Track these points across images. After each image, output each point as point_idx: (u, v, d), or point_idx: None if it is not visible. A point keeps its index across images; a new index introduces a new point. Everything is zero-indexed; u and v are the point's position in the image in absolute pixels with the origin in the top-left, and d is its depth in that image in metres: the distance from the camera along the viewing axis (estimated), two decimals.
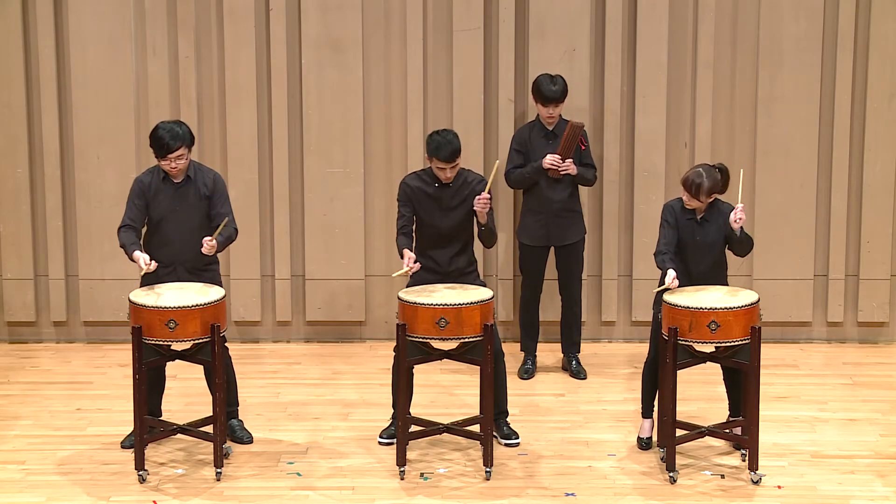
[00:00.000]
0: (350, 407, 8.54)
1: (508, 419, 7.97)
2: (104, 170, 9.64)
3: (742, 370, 7.43)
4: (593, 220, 9.70)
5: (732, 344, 7.23)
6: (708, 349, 7.39)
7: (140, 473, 7.38)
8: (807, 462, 7.63)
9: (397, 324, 7.40)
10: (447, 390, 8.83)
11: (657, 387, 7.56)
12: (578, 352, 9.21)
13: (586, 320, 9.71)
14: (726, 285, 7.58)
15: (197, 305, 7.25)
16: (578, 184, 9.04)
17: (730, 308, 7.17)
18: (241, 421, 8.01)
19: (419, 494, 7.26)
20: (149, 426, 7.52)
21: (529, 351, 9.21)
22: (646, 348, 7.92)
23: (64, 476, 7.46)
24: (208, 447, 7.61)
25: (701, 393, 8.61)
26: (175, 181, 7.63)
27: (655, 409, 7.67)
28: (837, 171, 9.61)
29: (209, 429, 7.53)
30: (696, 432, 7.55)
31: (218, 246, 7.57)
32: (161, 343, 7.32)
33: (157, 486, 7.34)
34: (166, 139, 7.49)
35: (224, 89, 9.61)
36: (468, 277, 7.84)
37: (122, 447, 7.82)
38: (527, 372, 9.11)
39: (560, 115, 8.98)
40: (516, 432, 7.92)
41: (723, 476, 7.45)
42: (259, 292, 9.80)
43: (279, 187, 9.71)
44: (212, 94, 9.63)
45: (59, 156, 9.65)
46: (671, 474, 7.36)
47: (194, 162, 7.69)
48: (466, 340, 7.35)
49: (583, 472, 7.52)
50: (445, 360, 7.56)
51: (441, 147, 7.67)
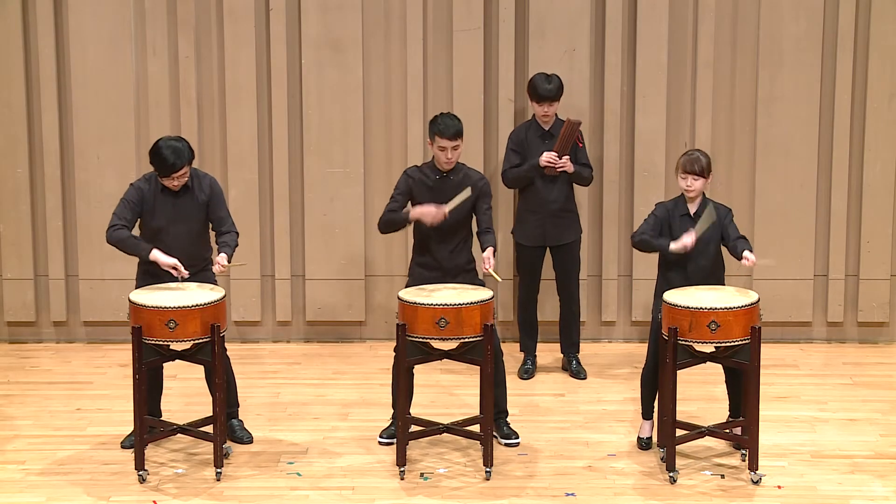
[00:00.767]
0: (350, 407, 8.54)
1: (508, 419, 7.97)
2: (104, 170, 9.64)
3: (742, 370, 7.43)
4: (593, 220, 9.70)
5: (732, 344, 7.22)
6: (708, 349, 7.38)
7: (140, 473, 7.38)
8: (807, 462, 7.63)
9: (397, 324, 7.39)
10: (447, 390, 8.83)
11: (657, 390, 7.56)
12: (578, 352, 9.21)
13: (586, 320, 9.71)
14: (724, 285, 7.57)
15: (197, 305, 7.24)
16: (575, 182, 9.03)
17: (730, 308, 7.16)
18: (241, 421, 8.01)
19: (419, 494, 7.25)
20: (149, 426, 7.52)
21: (529, 351, 9.21)
22: (646, 348, 7.90)
23: (64, 476, 7.46)
24: (208, 447, 7.61)
25: (701, 393, 8.61)
26: (174, 191, 7.62)
27: (655, 410, 7.67)
28: (837, 171, 9.61)
29: (209, 429, 7.52)
30: (696, 432, 7.54)
31: (228, 258, 7.58)
32: (161, 343, 7.31)
33: (157, 486, 7.34)
34: (171, 160, 7.43)
35: (224, 89, 9.61)
36: (468, 275, 7.84)
37: (122, 447, 7.82)
38: (527, 372, 9.11)
39: (556, 115, 8.98)
40: (516, 432, 7.91)
41: (723, 476, 7.45)
42: (259, 292, 9.80)
43: (279, 187, 9.71)
44: (212, 94, 9.63)
45: (59, 156, 9.65)
46: (671, 474, 7.36)
47: (191, 169, 7.66)
48: (466, 340, 7.34)
49: (582, 472, 7.52)
50: (445, 360, 7.55)
51: (444, 124, 7.69)
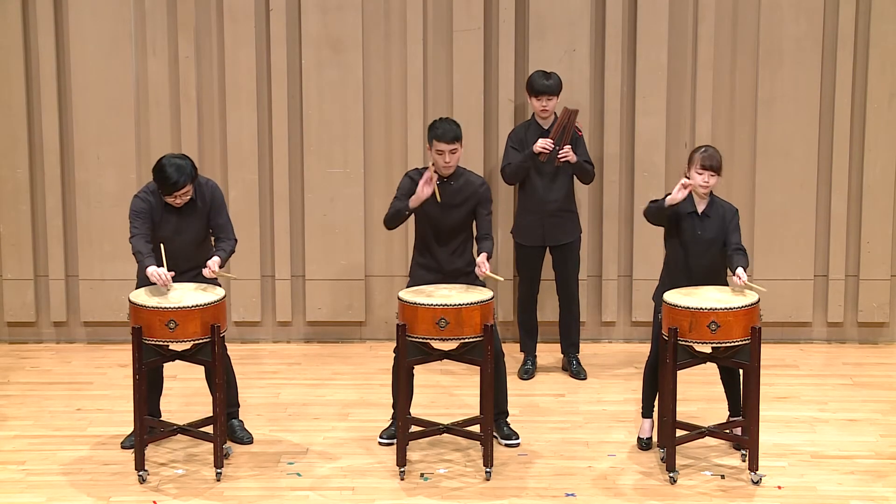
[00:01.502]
0: (350, 407, 8.54)
1: (508, 419, 7.97)
2: (104, 170, 9.64)
3: (741, 370, 7.43)
4: (593, 220, 9.70)
5: (733, 344, 7.22)
6: (708, 349, 7.39)
7: (140, 474, 7.38)
8: (807, 462, 7.63)
9: (397, 324, 7.39)
10: (447, 391, 8.83)
11: (658, 387, 7.57)
12: (578, 352, 9.20)
13: (586, 320, 9.71)
14: (725, 285, 7.58)
15: (197, 306, 7.24)
16: (577, 177, 9.00)
17: (730, 308, 7.17)
18: (242, 421, 8.01)
19: (419, 495, 7.25)
20: (149, 426, 7.52)
21: (529, 351, 9.21)
22: (646, 349, 7.91)
23: (64, 476, 7.46)
24: (208, 447, 7.61)
25: (701, 393, 8.60)
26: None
27: (655, 410, 7.67)
28: (837, 172, 9.60)
29: (209, 429, 7.53)
30: (697, 433, 7.54)
31: (221, 262, 7.58)
32: (161, 343, 7.31)
33: (158, 487, 7.34)
34: (174, 178, 7.40)
35: (224, 89, 9.61)
36: (468, 277, 7.85)
37: (123, 447, 7.82)
38: (527, 372, 9.11)
39: (556, 114, 8.96)
40: (516, 433, 7.91)
41: (723, 476, 7.45)
42: (259, 293, 9.80)
43: (279, 187, 9.71)
44: (212, 95, 9.63)
45: (59, 156, 9.65)
46: (671, 474, 7.36)
47: None
48: (466, 341, 7.34)
49: (583, 473, 7.52)
50: (445, 361, 7.55)
51: (442, 129, 7.69)
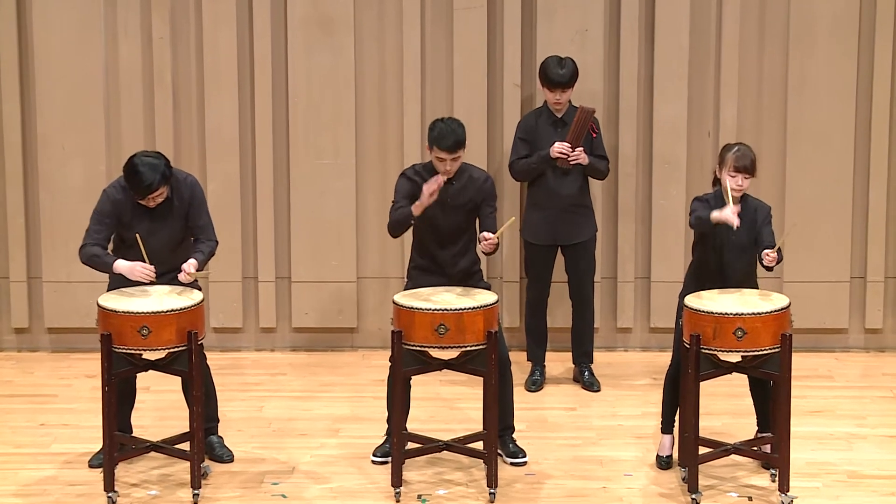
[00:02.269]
0: (340, 422, 8.54)
1: (514, 435, 7.97)
2: (70, 161, 9.64)
3: (771, 381, 7.42)
4: (608, 217, 9.70)
5: (761, 353, 7.22)
6: (734, 358, 7.38)
7: (110, 495, 7.37)
8: (843, 483, 7.63)
9: (392, 331, 7.38)
10: (448, 404, 8.83)
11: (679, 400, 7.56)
12: (591, 361, 9.21)
13: (600, 327, 9.71)
14: (756, 288, 7.56)
15: (172, 310, 7.23)
16: (590, 176, 9.04)
17: (758, 313, 7.15)
18: (221, 437, 8.01)
19: None
20: (119, 443, 7.51)
21: (537, 360, 9.21)
22: (666, 358, 7.91)
23: (26, 498, 7.45)
24: (185, 466, 7.60)
25: (726, 406, 8.61)
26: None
27: (676, 425, 7.66)
28: (876, 163, 9.61)
29: (185, 446, 7.52)
30: (721, 450, 7.54)
31: (198, 265, 7.56)
32: (133, 352, 7.30)
33: None
34: (147, 180, 7.38)
35: (202, 73, 9.61)
36: (473, 278, 7.83)
37: (90, 466, 7.82)
38: (534, 383, 9.10)
39: (570, 102, 8.97)
40: (523, 450, 7.91)
41: (750, 498, 7.45)
42: (240, 296, 9.80)
43: (263, 181, 9.70)
44: (189, 79, 9.63)
45: (21, 147, 9.66)
46: (693, 496, 7.35)
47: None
48: (468, 349, 7.34)
49: (597, 494, 7.52)
50: (445, 371, 7.55)
51: (443, 135, 7.64)
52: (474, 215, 7.86)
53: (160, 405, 8.67)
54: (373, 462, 7.88)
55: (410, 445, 7.62)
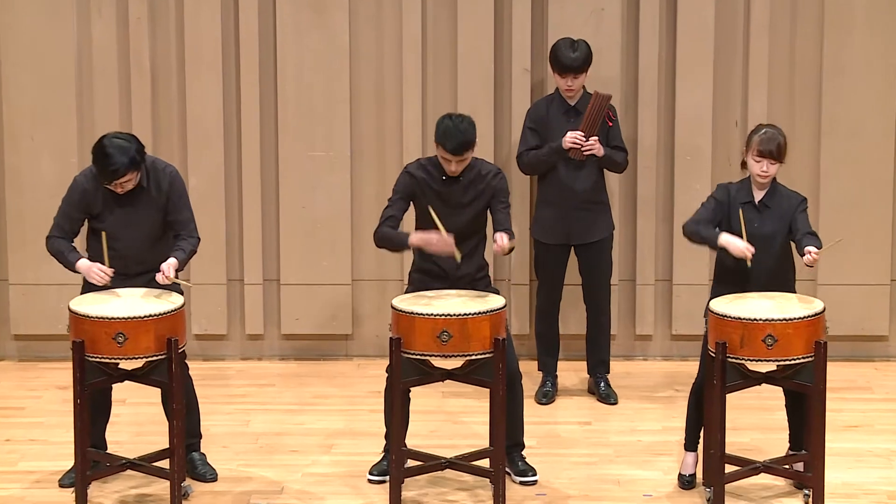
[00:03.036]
0: (334, 438, 8.55)
1: (524, 452, 7.98)
2: (39, 153, 9.65)
3: (805, 394, 7.41)
4: (626, 214, 9.71)
5: (793, 362, 7.21)
6: (763, 368, 7.37)
7: None
8: None
9: (391, 338, 7.39)
10: (451, 418, 8.84)
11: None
12: (607, 371, 9.22)
13: (617, 333, 9.72)
14: (793, 291, 7.53)
15: (150, 316, 7.24)
16: (606, 169, 9.04)
17: (789, 319, 7.15)
18: (204, 454, 8.01)
19: None
20: (92, 461, 7.52)
21: (548, 370, 9.22)
22: (688, 367, 7.91)
23: None
24: (164, 486, 7.61)
25: (755, 421, 8.61)
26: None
27: (702, 441, 7.66)
28: None
29: (165, 464, 7.52)
30: (750, 468, 7.54)
31: (178, 265, 7.56)
32: (107, 361, 7.30)
33: None
34: (115, 163, 7.37)
35: (183, 57, 9.61)
36: (479, 284, 7.83)
37: (61, 486, 7.81)
38: (545, 395, 9.11)
39: (584, 88, 8.98)
40: (533, 468, 7.92)
41: None
42: (225, 300, 9.82)
43: (249, 174, 9.71)
44: (168, 63, 9.63)
45: None
46: None
47: (147, 159, 7.60)
48: (473, 357, 7.35)
49: None
50: (448, 382, 7.56)
51: (449, 135, 7.62)
52: (483, 215, 7.85)
53: (137, 419, 8.67)
54: (369, 481, 7.88)
55: (410, 463, 7.63)
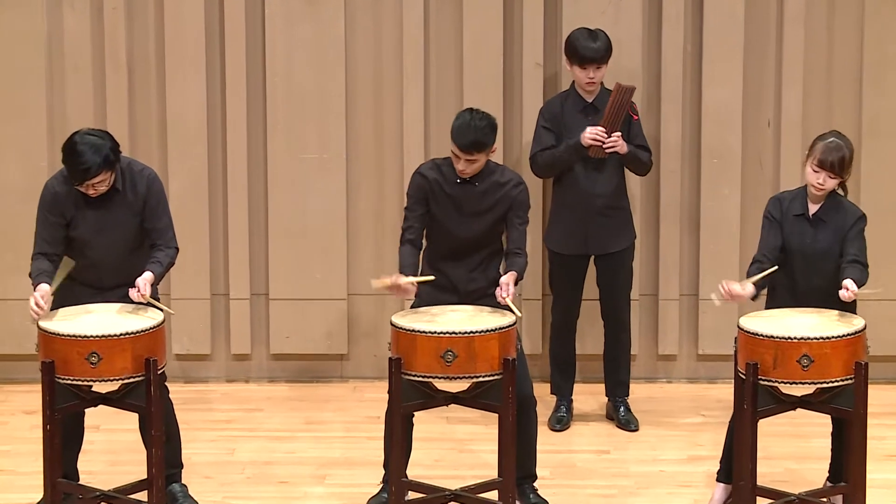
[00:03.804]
0: (328, 467, 8.55)
1: (536, 484, 7.99)
2: (5, 155, 9.67)
3: (844, 419, 7.39)
4: (648, 222, 9.71)
5: (831, 385, 7.21)
6: (798, 391, 7.36)
7: None
8: None
9: (390, 358, 7.39)
10: (456, 445, 8.85)
11: None
12: (627, 394, 9.24)
13: (638, 353, 9.72)
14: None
15: (127, 334, 7.23)
16: (629, 168, 9.04)
17: (826, 338, 7.14)
18: (185, 486, 8.02)
19: None
20: (63, 493, 7.51)
21: (563, 394, 9.22)
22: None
23: None
24: None
25: (790, 450, 8.62)
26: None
27: None
28: None
29: (143, 496, 7.51)
30: (784, 501, 7.52)
31: (155, 279, 7.54)
32: (80, 383, 7.30)
33: None
34: (87, 162, 7.36)
35: (163, 50, 9.63)
36: (490, 300, 7.79)
37: None
38: (560, 421, 9.12)
39: (602, 83, 8.97)
40: (546, 501, 7.92)
41: None
42: (209, 317, 9.82)
43: (235, 178, 9.72)
44: (147, 57, 9.65)
45: None
46: None
47: (123, 160, 7.60)
48: (481, 379, 7.35)
49: None
50: (453, 406, 7.57)
51: (462, 130, 7.63)
52: (499, 227, 7.84)
53: (112, 447, 8.68)
54: None
55: (411, 495, 7.63)
